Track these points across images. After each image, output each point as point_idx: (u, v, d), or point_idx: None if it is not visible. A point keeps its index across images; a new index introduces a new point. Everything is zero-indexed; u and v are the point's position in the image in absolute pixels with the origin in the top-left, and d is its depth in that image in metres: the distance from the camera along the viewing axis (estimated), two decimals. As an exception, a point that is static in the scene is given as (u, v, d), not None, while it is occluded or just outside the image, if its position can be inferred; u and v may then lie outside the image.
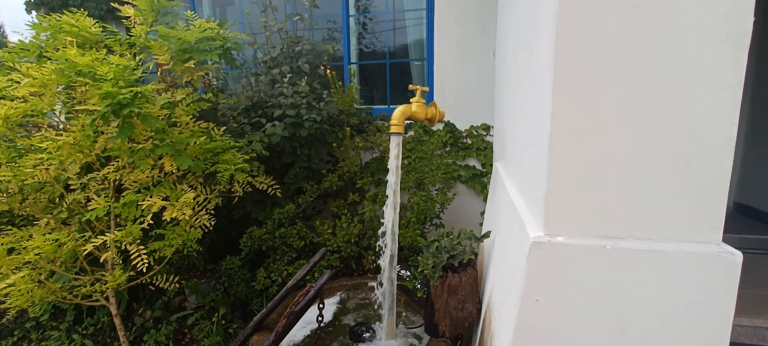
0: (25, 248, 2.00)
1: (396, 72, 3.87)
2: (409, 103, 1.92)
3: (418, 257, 1.78)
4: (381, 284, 1.92)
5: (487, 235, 1.94)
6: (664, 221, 0.98)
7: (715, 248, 0.95)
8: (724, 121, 0.93)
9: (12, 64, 2.22)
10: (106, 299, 2.45)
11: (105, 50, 2.18)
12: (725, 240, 0.98)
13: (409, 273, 2.24)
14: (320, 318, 1.76)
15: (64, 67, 2.01)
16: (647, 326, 1.00)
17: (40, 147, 2.08)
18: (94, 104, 1.95)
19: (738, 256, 0.93)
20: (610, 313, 1.02)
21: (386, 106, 3.81)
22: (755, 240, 2.97)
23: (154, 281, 2.50)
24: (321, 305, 1.76)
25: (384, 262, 1.90)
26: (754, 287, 2.41)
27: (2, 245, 2.00)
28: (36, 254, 2.00)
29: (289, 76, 2.94)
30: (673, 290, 0.97)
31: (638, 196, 0.99)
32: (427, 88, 1.98)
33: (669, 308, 0.98)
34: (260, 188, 2.64)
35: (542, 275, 1.05)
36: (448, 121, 3.41)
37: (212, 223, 2.37)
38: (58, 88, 2.25)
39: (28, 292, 2.08)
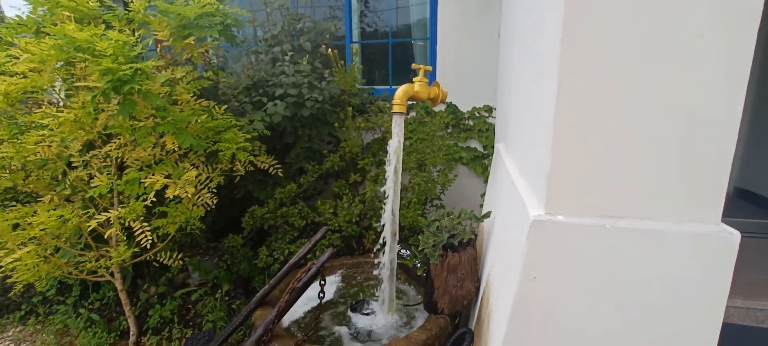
0: (29, 224, 2.02)
1: (398, 52, 3.82)
2: (412, 82, 1.90)
3: (419, 236, 1.80)
4: (381, 263, 1.95)
5: (487, 215, 1.95)
6: (665, 200, 0.99)
7: (714, 227, 0.96)
8: (730, 102, 0.92)
9: (10, 40, 2.19)
10: (111, 274, 2.50)
11: (103, 26, 2.15)
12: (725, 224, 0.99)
13: (409, 252, 2.27)
14: (322, 294, 1.79)
15: (62, 43, 1.99)
16: (643, 302, 1.02)
17: (42, 124, 2.07)
18: (94, 81, 1.94)
19: (736, 235, 0.94)
20: (606, 290, 1.04)
21: (388, 87, 3.77)
22: (753, 224, 2.99)
23: (158, 258, 2.54)
24: (322, 282, 1.79)
25: (385, 241, 1.92)
26: (749, 271, 2.44)
27: (7, 220, 2.02)
28: (41, 230, 2.03)
29: (290, 54, 2.91)
30: (671, 269, 0.99)
31: (640, 176, 1.00)
32: (430, 68, 1.96)
33: (666, 285, 1.00)
34: (262, 168, 2.65)
35: (541, 253, 1.06)
36: (451, 102, 3.38)
37: (214, 201, 2.39)
38: (57, 64, 2.23)
39: (34, 267, 2.12)
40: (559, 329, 1.09)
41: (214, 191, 2.41)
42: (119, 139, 2.22)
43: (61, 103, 2.42)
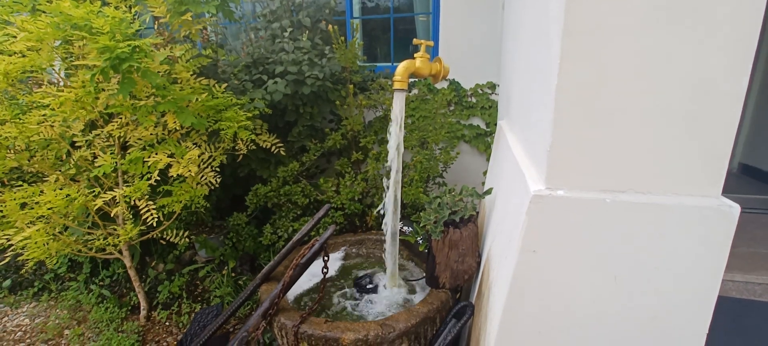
0: (37, 203, 2.05)
1: (400, 27, 3.74)
2: (414, 58, 1.88)
3: (421, 213, 1.81)
4: (384, 240, 1.97)
5: (489, 192, 1.96)
6: (666, 174, 0.99)
7: (714, 201, 0.96)
8: (735, 75, 0.91)
9: (6, 18, 2.17)
10: (120, 252, 2.55)
11: (99, 2, 2.12)
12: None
13: (411, 229, 2.29)
14: (325, 269, 1.83)
15: (59, 20, 1.96)
16: (641, 275, 1.03)
17: (43, 103, 2.08)
18: (92, 59, 1.92)
19: (736, 208, 0.94)
20: (605, 263, 1.05)
21: (390, 64, 3.72)
22: (756, 200, 2.98)
23: (164, 236, 2.58)
24: (326, 258, 1.82)
25: (387, 218, 1.94)
26: (749, 245, 2.46)
27: (15, 200, 2.06)
28: (48, 209, 2.06)
29: (289, 30, 2.86)
30: (670, 242, 0.99)
31: (641, 149, 0.99)
32: (431, 43, 1.92)
33: (664, 258, 1.01)
34: (264, 146, 2.65)
35: (541, 227, 1.07)
36: (453, 79, 3.34)
37: (218, 180, 2.41)
38: (55, 42, 2.21)
39: (43, 245, 2.16)
40: (558, 301, 1.12)
41: (218, 169, 2.43)
42: (121, 118, 2.22)
43: (62, 83, 2.42)
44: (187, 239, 2.72)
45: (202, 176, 2.35)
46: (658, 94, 0.96)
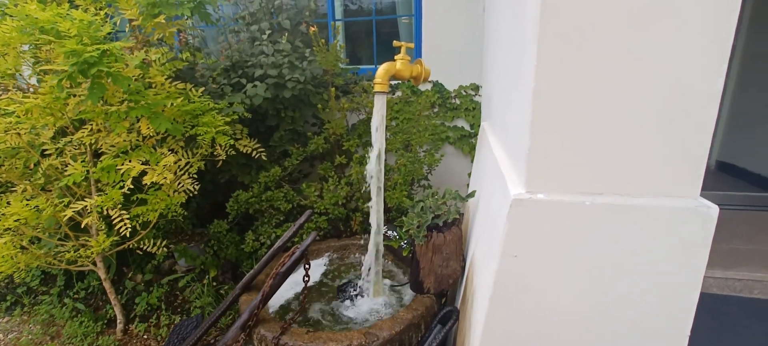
0: (2, 215, 1.95)
1: (383, 30, 3.72)
2: (394, 61, 1.85)
3: (404, 218, 1.78)
4: (368, 247, 1.94)
5: (471, 194, 1.94)
6: (644, 176, 0.98)
7: (692, 202, 0.95)
8: (711, 75, 0.90)
9: (-32, 22, 2.06)
10: (94, 263, 2.45)
11: (68, 5, 2.04)
12: (705, 197, 0.99)
13: (396, 233, 2.26)
14: (306, 278, 1.78)
15: (24, 24, 1.88)
16: (621, 278, 1.02)
17: (8, 111, 1.98)
18: (60, 63, 1.84)
19: (714, 209, 0.94)
20: (585, 267, 1.04)
21: (373, 67, 3.69)
22: (733, 196, 3.05)
23: (141, 246, 2.49)
24: (307, 266, 1.77)
25: (371, 224, 1.91)
26: (729, 242, 2.50)
27: (-22, 212, 1.95)
28: (15, 221, 1.96)
29: (268, 32, 2.81)
30: (650, 244, 0.98)
31: (619, 152, 0.98)
32: (412, 45, 1.90)
33: (644, 260, 1.00)
34: (245, 152, 2.59)
35: (522, 231, 1.05)
36: (437, 81, 3.33)
37: (196, 187, 2.34)
38: (22, 47, 2.12)
39: (11, 258, 2.06)
40: (540, 306, 1.10)
41: (196, 176, 2.36)
42: (92, 124, 2.13)
43: (31, 90, 2.32)
44: (165, 249, 2.64)
45: (180, 184, 2.28)
46: (635, 96, 0.95)
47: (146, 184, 2.02)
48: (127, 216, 2.09)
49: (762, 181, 3.17)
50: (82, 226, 2.22)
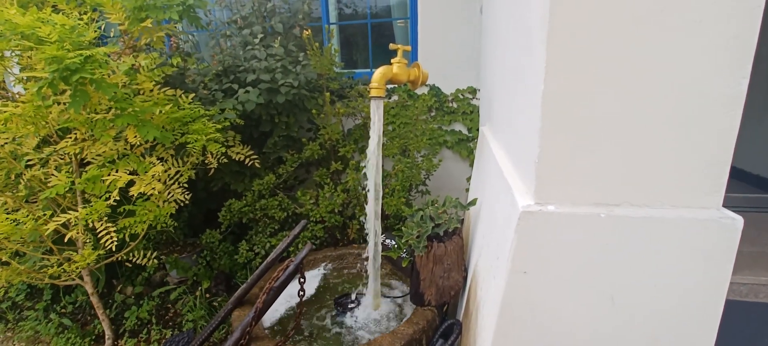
0: (-20, 229, 1.85)
1: (378, 33, 3.65)
2: (390, 64, 1.78)
3: (402, 227, 1.71)
4: (366, 258, 1.86)
5: (473, 202, 1.87)
6: (663, 185, 0.91)
7: (715, 213, 0.89)
8: (733, 77, 0.84)
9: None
10: (80, 277, 2.35)
11: (50, 9, 1.95)
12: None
13: (394, 242, 2.18)
14: (301, 292, 1.70)
15: (3, 29, 1.79)
16: (640, 295, 0.95)
17: (-14, 121, 1.88)
18: (42, 70, 1.75)
19: (739, 221, 0.87)
20: (602, 284, 0.97)
21: (368, 70, 3.62)
22: (736, 199, 3.00)
23: (130, 258, 2.40)
24: (302, 279, 1.69)
25: (369, 235, 1.83)
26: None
27: (-45, 227, 1.85)
28: (-7, 236, 1.86)
29: (260, 36, 2.73)
30: (670, 258, 0.92)
31: (636, 159, 0.92)
32: (409, 48, 1.84)
33: (664, 275, 0.93)
34: (237, 159, 2.51)
35: (532, 246, 0.98)
36: (434, 84, 3.27)
37: (187, 196, 2.25)
38: (3, 53, 2.02)
39: (-9, 274, 1.96)
40: (553, 324, 1.03)
41: (186, 185, 2.27)
42: (76, 133, 2.04)
43: (13, 97, 2.22)
44: (156, 260, 2.54)
45: (169, 193, 2.19)
46: (651, 98, 0.88)
47: (133, 194, 1.93)
48: (114, 229, 2.00)
49: (762, 181, 3.13)
50: (65, 239, 2.12)
